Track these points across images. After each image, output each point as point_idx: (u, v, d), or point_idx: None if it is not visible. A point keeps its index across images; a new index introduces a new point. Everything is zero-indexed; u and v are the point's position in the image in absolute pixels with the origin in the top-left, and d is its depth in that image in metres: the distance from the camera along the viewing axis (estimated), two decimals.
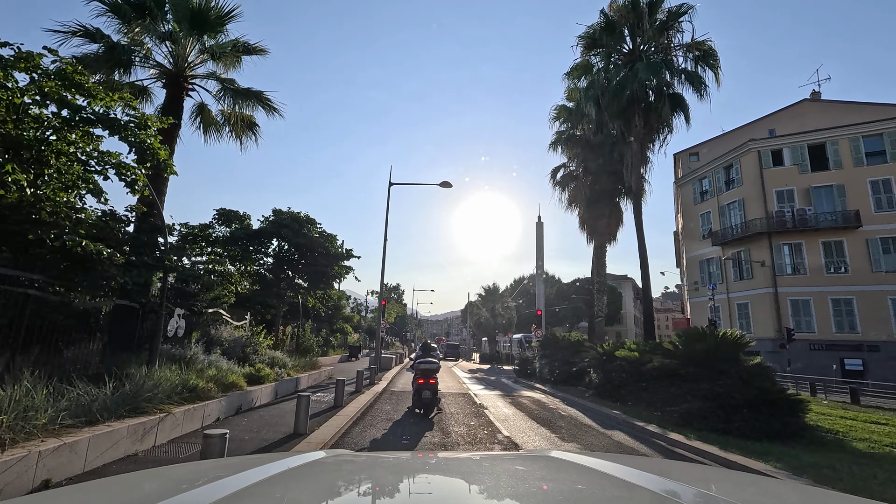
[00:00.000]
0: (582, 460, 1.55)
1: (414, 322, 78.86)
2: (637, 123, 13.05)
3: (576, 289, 66.15)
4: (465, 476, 1.45)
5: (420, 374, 9.54)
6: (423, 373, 9.49)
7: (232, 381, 8.41)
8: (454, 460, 1.84)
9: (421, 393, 9.27)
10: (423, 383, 9.33)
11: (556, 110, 18.64)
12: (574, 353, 16.56)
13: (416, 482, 1.38)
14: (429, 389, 9.26)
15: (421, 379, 9.41)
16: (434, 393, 9.34)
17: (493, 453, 3.90)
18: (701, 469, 1.98)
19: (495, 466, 1.60)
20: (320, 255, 14.48)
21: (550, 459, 1.70)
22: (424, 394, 9.24)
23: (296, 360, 13.48)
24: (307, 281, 15.16)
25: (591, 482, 1.29)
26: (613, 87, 12.94)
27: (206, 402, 7.10)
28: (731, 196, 31.75)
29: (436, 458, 1.86)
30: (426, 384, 9.31)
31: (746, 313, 30.05)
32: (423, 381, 9.35)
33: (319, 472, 1.39)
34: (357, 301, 68.39)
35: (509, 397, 14.04)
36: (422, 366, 9.61)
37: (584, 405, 12.05)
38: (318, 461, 1.51)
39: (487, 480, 1.36)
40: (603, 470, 1.36)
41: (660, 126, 13.75)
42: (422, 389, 9.28)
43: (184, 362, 8.67)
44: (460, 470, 1.58)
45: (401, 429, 8.14)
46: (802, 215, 28.10)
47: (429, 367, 9.57)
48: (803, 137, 29.40)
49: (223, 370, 9.27)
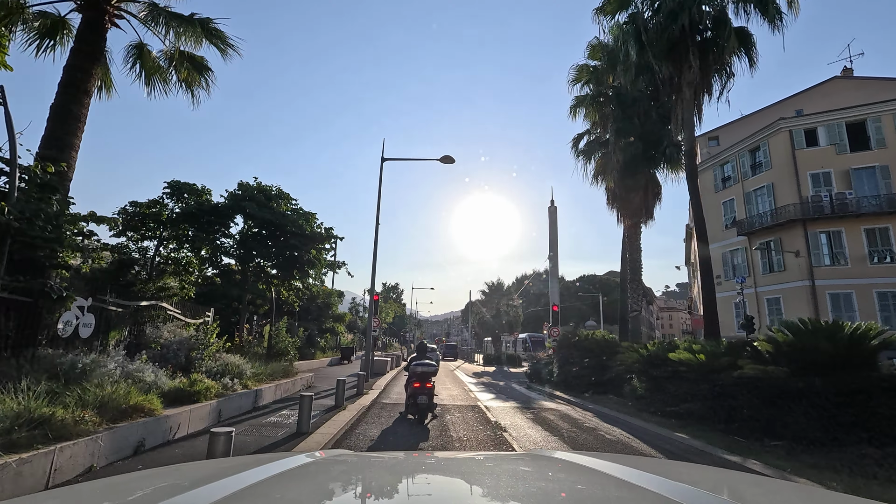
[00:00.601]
0: (582, 460, 1.55)
1: (413, 322, 76.19)
2: (691, 63, 10.29)
3: (582, 286, 63.37)
4: (465, 476, 1.45)
5: (415, 377, 8.77)
6: (418, 376, 8.74)
7: (135, 403, 5.63)
8: (454, 460, 1.86)
9: (416, 398, 8.52)
10: (418, 387, 8.58)
11: (576, 70, 15.81)
12: (604, 356, 13.80)
13: (416, 482, 1.37)
14: (424, 394, 8.51)
15: (416, 382, 8.67)
16: (430, 398, 8.62)
17: (492, 453, 3.81)
18: (701, 469, 1.74)
19: (495, 466, 1.62)
20: (293, 236, 11.69)
21: (551, 459, 1.72)
22: (420, 399, 8.49)
23: (261, 366, 10.68)
24: (276, 267, 12.37)
25: (592, 482, 1.29)
26: (662, 17, 10.22)
27: (64, 444, 4.33)
28: (758, 181, 29.02)
29: (435, 459, 1.85)
30: (422, 388, 8.56)
31: (777, 308, 27.31)
32: (419, 384, 8.62)
33: (319, 473, 1.41)
34: (355, 300, 65.90)
35: (529, 411, 11.27)
36: (417, 368, 8.84)
37: (629, 423, 9.30)
38: (318, 461, 1.53)
39: (487, 481, 1.36)
40: (603, 470, 1.35)
41: (719, 68, 11.01)
42: (417, 394, 8.52)
43: (74, 374, 5.92)
44: (460, 470, 1.59)
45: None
46: (842, 200, 25.38)
47: (425, 370, 8.81)
48: (840, 114, 26.68)
49: (143, 384, 6.52)
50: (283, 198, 12.29)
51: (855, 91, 29.73)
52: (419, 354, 9.57)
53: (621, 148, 12.97)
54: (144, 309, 9.64)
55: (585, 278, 64.49)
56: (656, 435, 8.15)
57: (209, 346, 9.25)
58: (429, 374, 8.79)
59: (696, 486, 1.15)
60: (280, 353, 12.62)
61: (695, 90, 10.92)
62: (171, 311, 10.48)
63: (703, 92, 11.18)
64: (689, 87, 10.77)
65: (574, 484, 1.30)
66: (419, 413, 8.56)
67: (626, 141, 12.78)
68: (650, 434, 8.32)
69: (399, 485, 1.32)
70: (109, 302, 8.18)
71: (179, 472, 1.37)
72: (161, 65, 10.82)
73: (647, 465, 1.64)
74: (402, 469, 1.53)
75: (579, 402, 12.40)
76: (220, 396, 7.77)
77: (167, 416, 6.03)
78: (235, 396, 8.29)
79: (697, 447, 6.97)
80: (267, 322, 13.32)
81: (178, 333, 9.74)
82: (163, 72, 10.87)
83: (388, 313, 58.62)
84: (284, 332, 13.37)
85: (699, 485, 1.19)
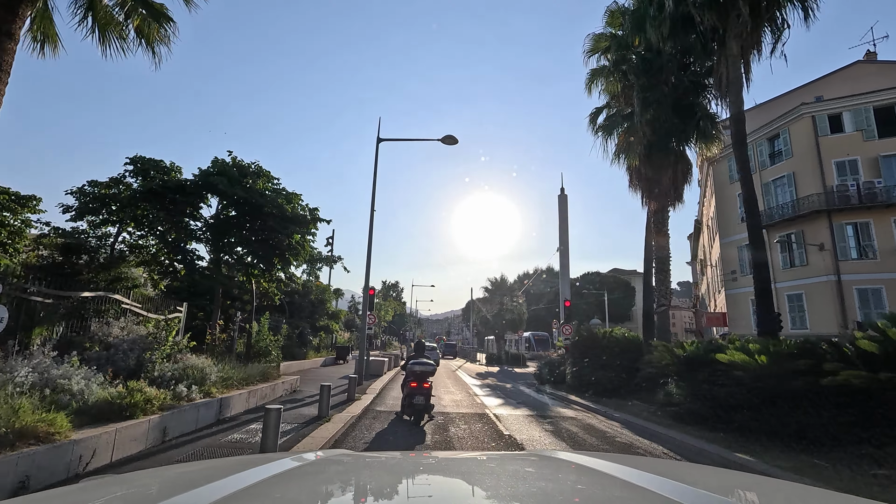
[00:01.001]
0: (583, 460, 1.54)
1: (413, 321, 74.81)
2: (740, 11, 8.61)
3: (584, 284, 61.65)
4: (466, 476, 1.44)
5: (412, 376, 8.42)
6: (416, 375, 8.36)
7: (27, 424, 4.08)
8: (454, 460, 1.84)
9: (413, 398, 8.21)
10: (415, 387, 8.26)
11: (592, 40, 14.08)
12: (627, 356, 12.23)
13: (416, 482, 1.36)
14: (422, 394, 8.20)
15: (413, 382, 8.35)
16: (427, 398, 8.29)
17: (493, 453, 3.67)
18: (702, 469, 1.79)
19: (495, 466, 1.61)
20: (273, 219, 10.06)
21: (551, 460, 1.71)
22: (416, 399, 8.17)
23: (234, 369, 9.12)
24: (253, 254, 10.76)
25: (592, 482, 1.29)
26: None
27: None
28: (777, 171, 27.45)
29: (436, 459, 1.84)
30: (419, 388, 8.25)
31: (800, 305, 25.75)
32: (416, 384, 8.29)
33: (319, 472, 1.41)
34: (354, 298, 64.44)
35: (546, 420, 9.71)
36: (415, 367, 8.47)
37: (670, 438, 7.73)
38: (318, 461, 1.54)
39: (488, 480, 1.35)
40: (604, 470, 1.34)
41: (771, 18, 9.37)
42: (414, 394, 8.21)
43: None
44: (460, 470, 1.58)
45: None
46: (870, 189, 23.79)
47: (423, 370, 8.44)
48: (868, 99, 25.08)
49: (66, 395, 4.98)
50: (261, 175, 10.69)
51: (879, 75, 28.06)
52: (417, 353, 9.25)
53: (648, 121, 11.37)
54: (90, 301, 8.07)
55: (588, 276, 62.84)
56: (707, 454, 6.58)
57: (164, 344, 7.67)
58: (426, 373, 8.47)
59: (696, 486, 1.15)
60: (261, 354, 11.04)
61: (742, 45, 9.27)
62: (126, 304, 8.93)
63: (752, 48, 9.52)
64: (736, 40, 9.09)
65: (575, 484, 1.29)
66: (415, 414, 8.31)
67: (654, 113, 11.19)
68: (698, 452, 6.75)
69: (399, 485, 1.32)
70: (34, 291, 6.62)
71: (179, 472, 1.39)
72: (116, 17, 9.26)
73: (648, 466, 1.59)
74: (402, 469, 1.52)
75: (601, 410, 10.83)
76: (168, 409, 6.20)
77: (76, 440, 4.46)
78: (190, 408, 6.72)
79: (774, 475, 5.39)
80: (245, 319, 11.75)
81: (133, 331, 8.17)
82: (118, 26, 9.31)
83: (387, 311, 57.13)
84: (266, 330, 11.79)
85: (700, 485, 1.20)
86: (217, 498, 0.91)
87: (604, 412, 10.62)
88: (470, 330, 51.74)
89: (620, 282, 59.46)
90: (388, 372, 21.55)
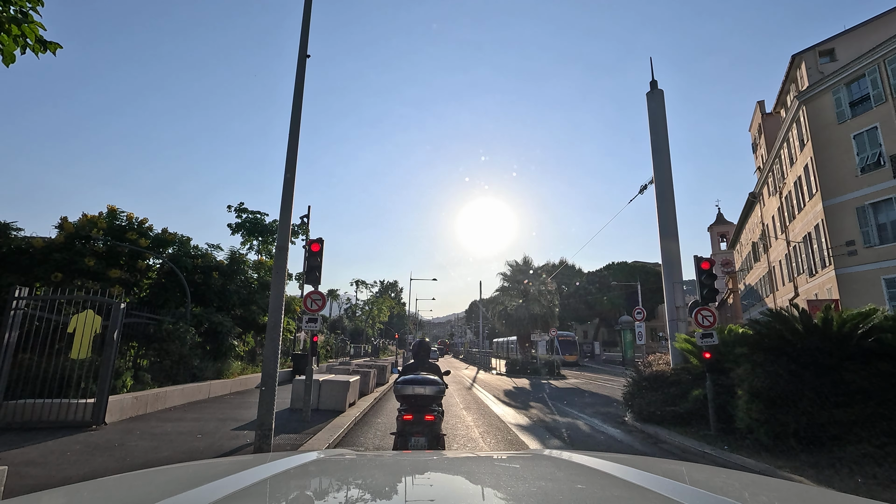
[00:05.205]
0: (583, 460, 1.51)
1: (413, 322, 67.41)
2: None
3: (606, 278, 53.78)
4: (466, 475, 1.43)
5: (406, 404, 4.65)
6: (411, 402, 4.62)
7: None
8: (454, 460, 1.79)
9: (406, 438, 4.50)
10: (410, 420, 4.55)
11: None
12: None
13: (417, 482, 1.32)
14: (422, 434, 4.48)
15: (408, 414, 4.57)
16: (437, 439, 4.57)
17: (493, 453, 3.45)
18: (702, 469, 1.66)
19: (496, 466, 1.59)
20: None
21: (552, 459, 1.67)
22: (414, 442, 4.45)
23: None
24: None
25: (592, 482, 1.26)
26: None
27: None
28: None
29: (436, 458, 1.77)
30: (417, 422, 4.52)
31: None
32: (412, 416, 4.56)
33: (319, 472, 1.38)
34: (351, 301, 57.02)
35: None
36: (409, 390, 4.61)
37: None
38: (319, 460, 1.50)
39: (488, 480, 1.33)
40: (604, 470, 1.32)
41: None
42: (408, 432, 4.52)
43: None
44: (460, 469, 1.55)
45: None
46: None
47: (423, 393, 4.60)
48: None
49: None
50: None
51: None
52: (417, 363, 5.55)
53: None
54: None
55: (614, 266, 55.10)
56: None
57: None
58: (430, 398, 4.61)
59: (696, 485, 1.14)
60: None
61: None
62: None
63: None
64: None
65: (574, 483, 1.26)
66: None
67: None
68: None
69: (399, 484, 1.29)
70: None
71: (180, 472, 1.37)
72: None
73: (649, 465, 1.57)
74: (404, 469, 1.48)
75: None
76: None
77: None
78: None
79: None
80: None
81: None
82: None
83: (382, 310, 49.46)
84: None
85: (700, 484, 1.19)
86: (217, 498, 0.89)
87: None
88: (480, 333, 43.54)
89: (652, 272, 51.51)
90: (373, 391, 13.82)
